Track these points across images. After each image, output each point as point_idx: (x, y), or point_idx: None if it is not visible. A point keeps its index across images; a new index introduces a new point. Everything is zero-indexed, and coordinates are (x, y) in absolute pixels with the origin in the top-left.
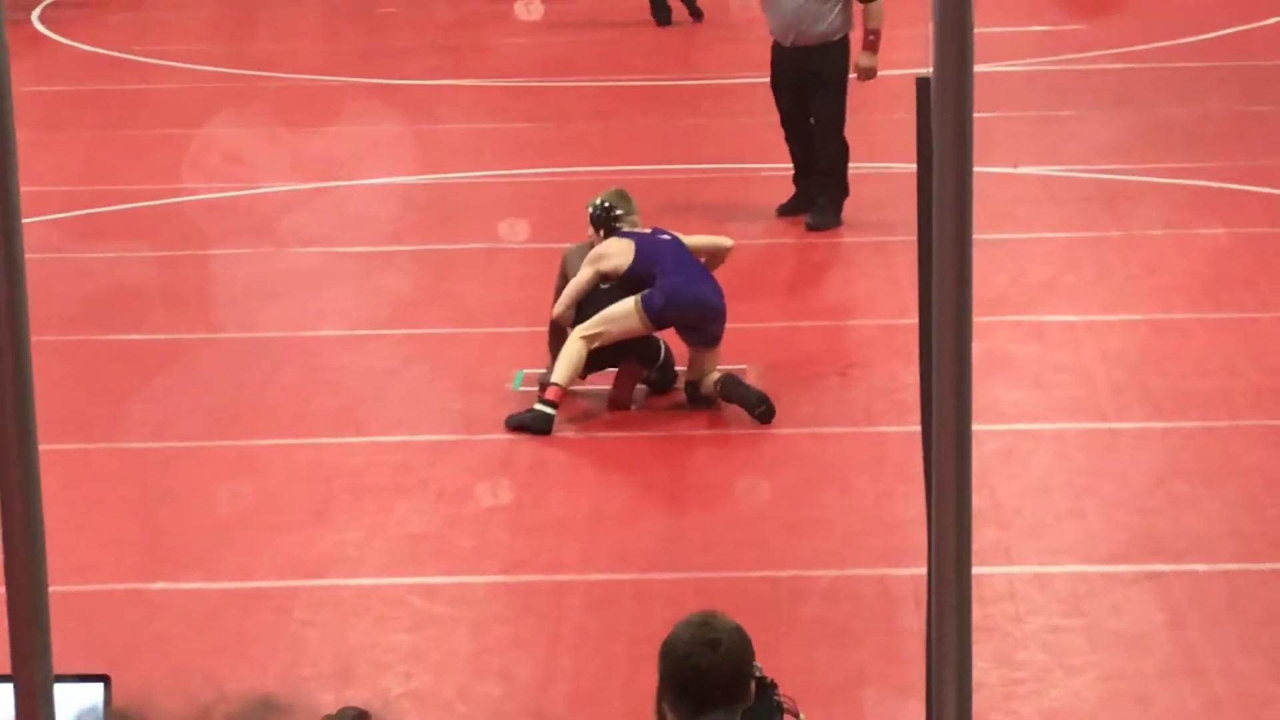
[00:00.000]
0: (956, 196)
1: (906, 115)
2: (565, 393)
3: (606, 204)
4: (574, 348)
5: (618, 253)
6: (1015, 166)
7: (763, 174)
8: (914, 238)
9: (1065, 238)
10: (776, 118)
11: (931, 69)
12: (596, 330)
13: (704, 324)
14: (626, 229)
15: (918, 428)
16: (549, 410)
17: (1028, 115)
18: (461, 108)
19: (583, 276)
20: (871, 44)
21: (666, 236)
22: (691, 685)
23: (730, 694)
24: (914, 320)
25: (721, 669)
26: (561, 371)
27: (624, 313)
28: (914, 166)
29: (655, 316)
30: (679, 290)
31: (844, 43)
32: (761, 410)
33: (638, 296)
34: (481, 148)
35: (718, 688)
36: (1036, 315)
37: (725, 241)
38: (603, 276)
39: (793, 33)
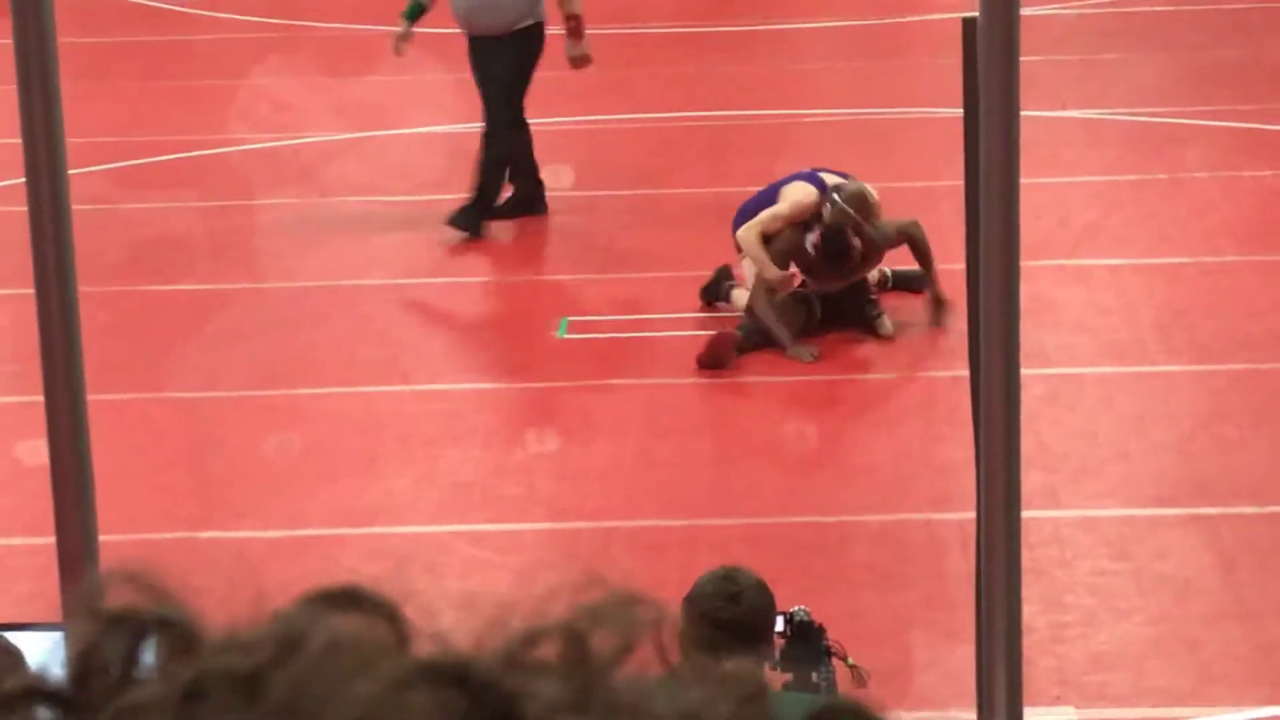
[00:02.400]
0: (1004, 139)
1: (950, 60)
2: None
3: None
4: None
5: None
6: (1063, 108)
7: (803, 120)
8: (958, 184)
9: (1111, 181)
10: (818, 64)
11: (978, 11)
12: (766, 221)
13: None
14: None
15: (965, 372)
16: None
17: (1072, 59)
18: None
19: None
20: (574, 29)
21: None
22: (712, 638)
23: (752, 647)
24: (959, 265)
25: (742, 623)
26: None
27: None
28: (956, 113)
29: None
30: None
31: (530, 32)
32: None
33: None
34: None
35: (738, 641)
36: (1082, 259)
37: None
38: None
39: (469, 22)
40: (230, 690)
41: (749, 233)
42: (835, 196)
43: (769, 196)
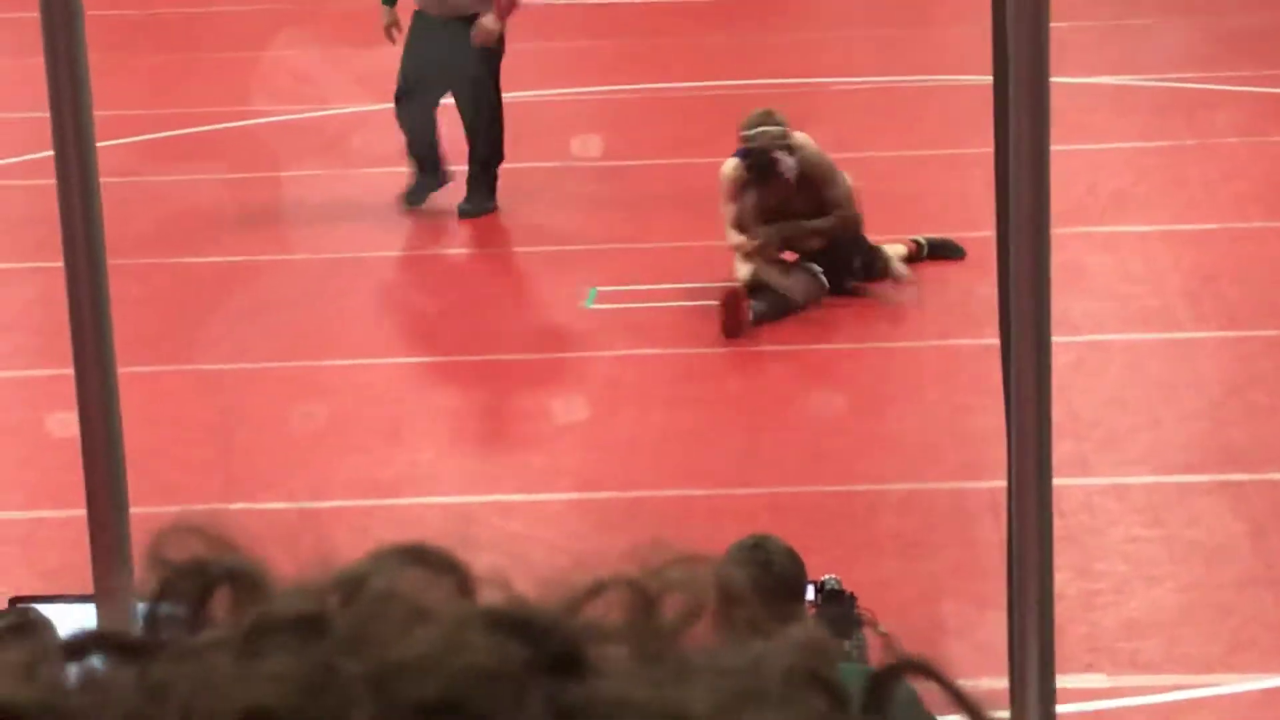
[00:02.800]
0: (1034, 106)
1: (976, 27)
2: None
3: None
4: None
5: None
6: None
7: (830, 88)
8: (986, 150)
9: (1139, 147)
10: (844, 32)
11: None
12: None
13: None
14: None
15: (992, 340)
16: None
17: (1099, 24)
18: (527, 26)
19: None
20: (502, 7)
21: None
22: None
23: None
24: (987, 232)
25: (773, 592)
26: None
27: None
28: (978, 78)
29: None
30: None
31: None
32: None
33: None
34: (546, 66)
35: (769, 609)
36: (1110, 226)
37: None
38: None
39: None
40: (293, 630)
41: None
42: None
43: None
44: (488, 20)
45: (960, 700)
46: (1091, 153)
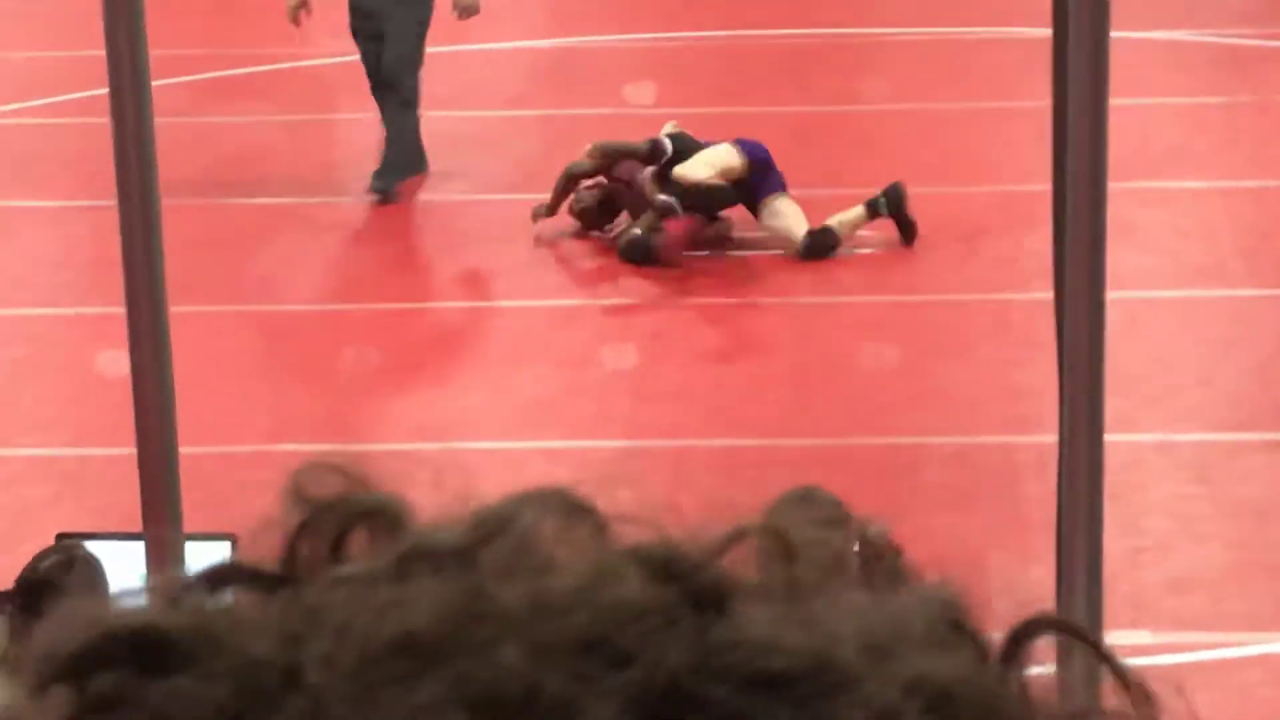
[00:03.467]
0: (1092, 60)
1: None
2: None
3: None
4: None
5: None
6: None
7: (885, 39)
8: (1034, 104)
9: (1194, 103)
10: None
11: None
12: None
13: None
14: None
15: (1040, 295)
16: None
17: None
18: None
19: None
20: None
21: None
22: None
23: None
24: (1038, 187)
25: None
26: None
27: (723, 152)
28: (1032, 31)
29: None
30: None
31: None
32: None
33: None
34: (602, 12)
35: None
36: (1163, 181)
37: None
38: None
39: None
40: (444, 561)
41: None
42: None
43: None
44: None
45: (1104, 658)
46: (1145, 107)
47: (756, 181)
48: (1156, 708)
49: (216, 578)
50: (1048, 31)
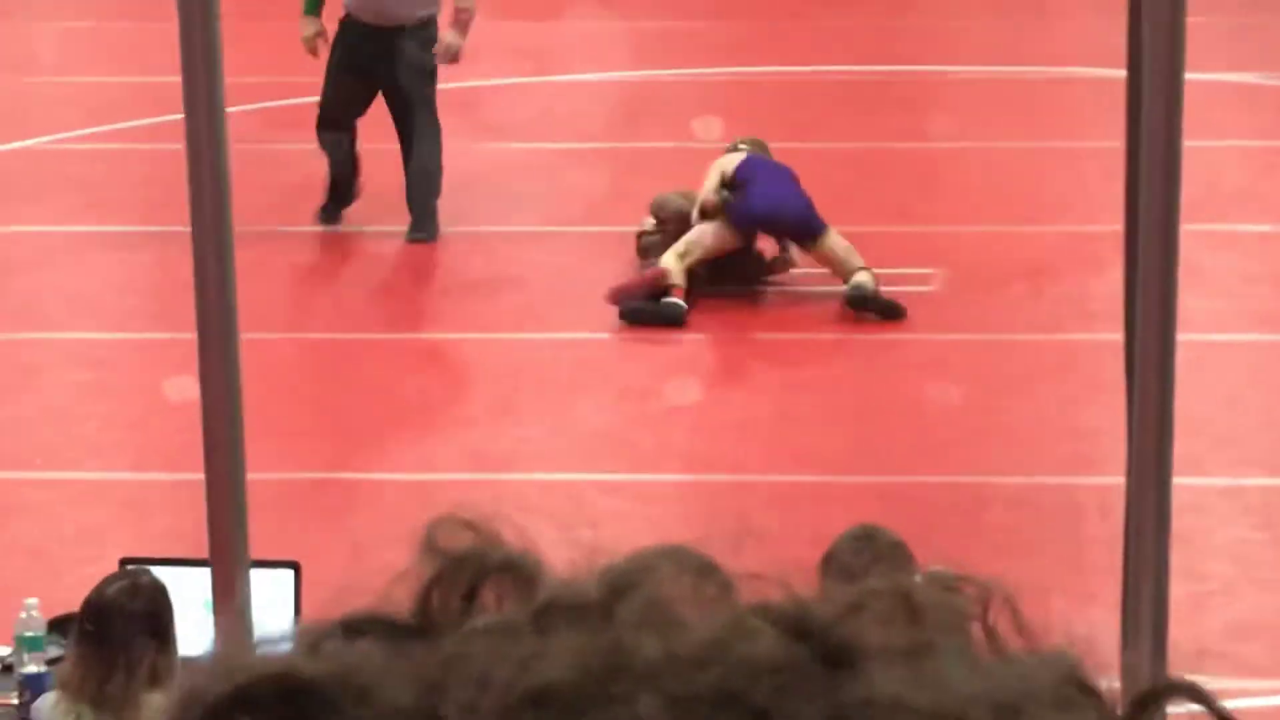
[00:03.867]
0: (1167, 101)
1: (1098, 19)
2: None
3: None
4: (669, 263)
5: (731, 159)
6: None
7: (951, 76)
8: (1100, 144)
9: (1262, 146)
10: (969, 20)
11: None
12: (686, 248)
13: (789, 230)
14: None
15: (1105, 336)
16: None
17: (1223, 21)
18: (650, 6)
19: (707, 183)
20: (462, 22)
21: (770, 160)
22: None
23: None
24: (1104, 227)
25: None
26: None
27: (713, 226)
28: (1098, 70)
29: (740, 221)
30: (762, 196)
31: (433, 21)
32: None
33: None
34: (669, 46)
35: None
36: (1231, 224)
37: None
38: (722, 177)
39: (379, 10)
40: (581, 615)
41: None
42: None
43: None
44: (451, 36)
45: None
46: (1213, 150)
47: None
48: None
49: (355, 626)
50: (1114, 71)
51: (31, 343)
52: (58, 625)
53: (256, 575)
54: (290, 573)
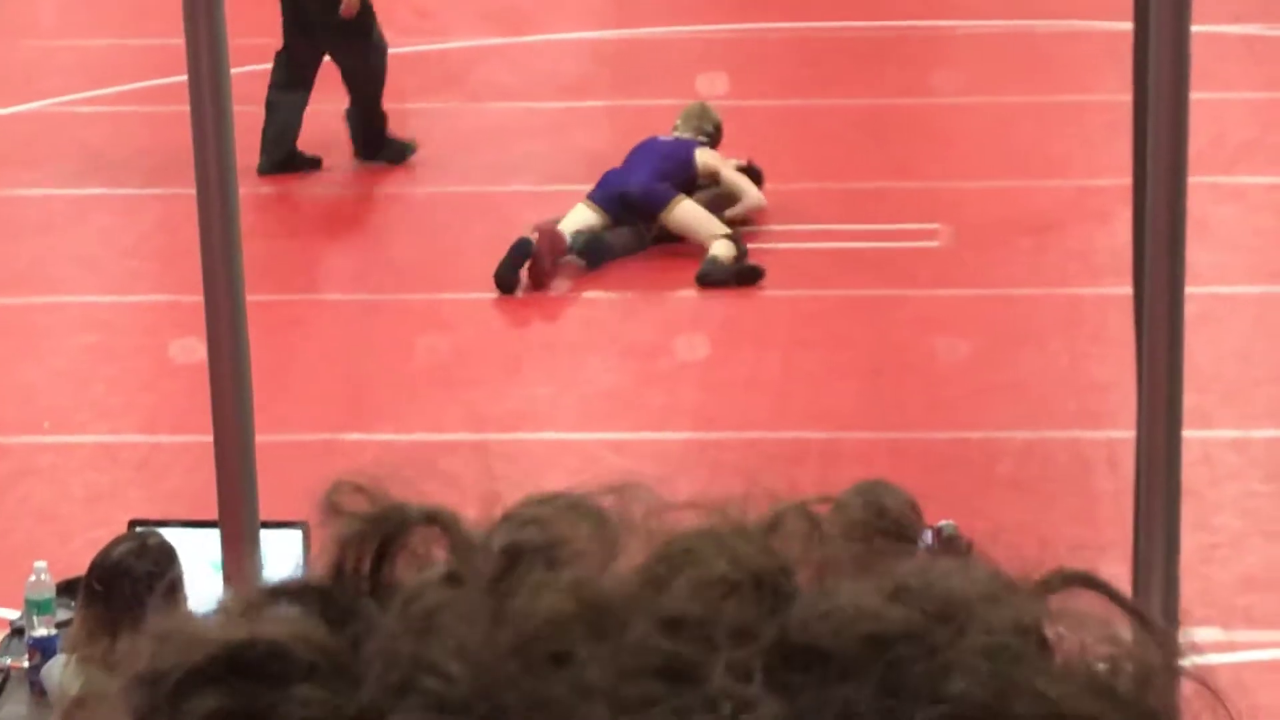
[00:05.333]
0: (1173, 53)
1: None
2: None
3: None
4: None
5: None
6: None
7: (958, 31)
8: (1105, 97)
9: (1269, 98)
10: None
11: None
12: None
13: (635, 208)
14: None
15: (1112, 290)
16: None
17: None
18: None
19: None
20: None
21: (666, 139)
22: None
23: None
24: (1110, 181)
25: (888, 537)
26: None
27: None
28: (1103, 24)
29: (597, 200)
30: (607, 178)
31: None
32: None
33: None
34: (670, 3)
35: None
36: (1237, 176)
37: (752, 199)
38: None
39: None
40: (538, 559)
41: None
42: None
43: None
44: None
45: (1131, 611)
46: (1219, 102)
47: (643, 205)
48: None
49: (281, 593)
50: (1119, 25)
51: (38, 306)
52: (67, 588)
53: (265, 536)
54: (299, 533)
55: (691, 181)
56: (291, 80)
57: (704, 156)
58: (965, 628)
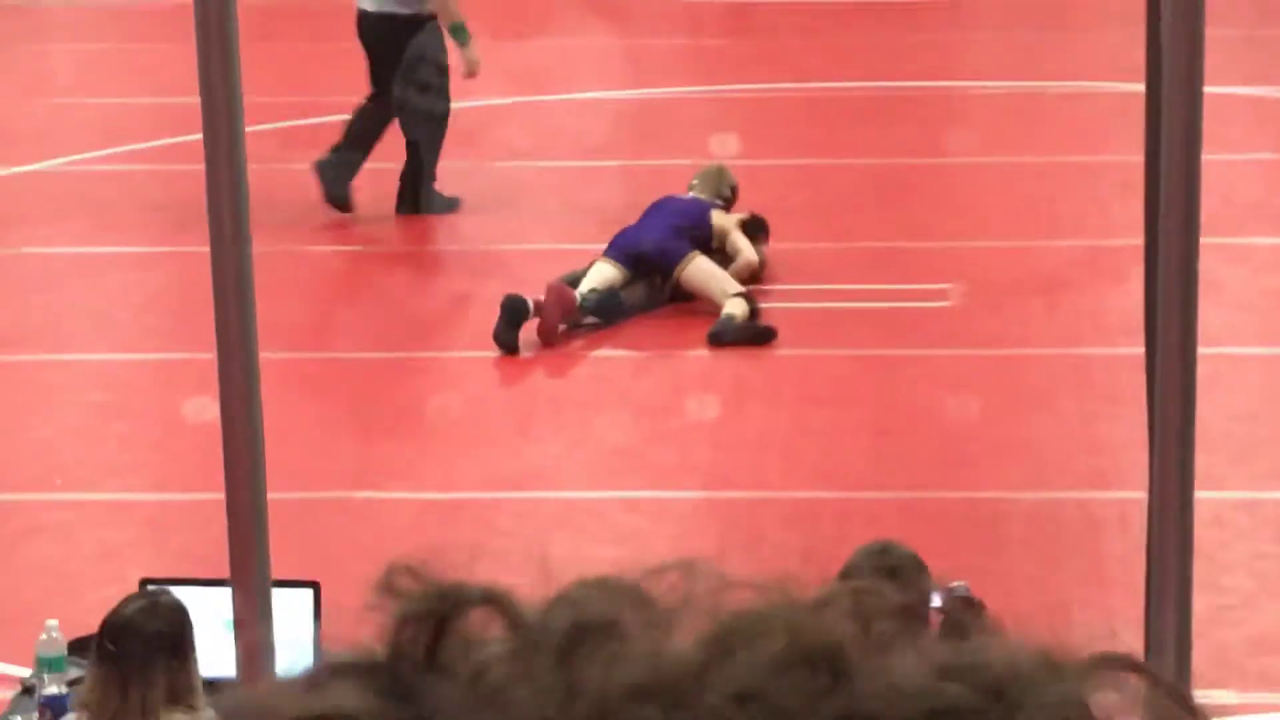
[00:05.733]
0: (1186, 114)
1: (1115, 34)
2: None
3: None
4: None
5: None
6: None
7: (970, 92)
8: (1116, 158)
9: (1276, 159)
10: (983, 35)
11: None
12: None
13: (649, 265)
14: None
15: (1124, 350)
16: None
17: (1235, 34)
18: (670, 23)
19: None
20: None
21: (683, 197)
22: None
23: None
24: (1121, 241)
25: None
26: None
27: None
28: (1114, 85)
29: (613, 255)
30: (623, 235)
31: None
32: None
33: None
34: (687, 63)
35: None
36: (1246, 238)
37: (742, 260)
38: None
39: None
40: (603, 635)
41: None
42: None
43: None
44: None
45: (1174, 695)
46: (1227, 163)
47: (658, 261)
48: None
49: (342, 670)
50: (1129, 86)
51: (51, 363)
52: (78, 646)
53: (276, 595)
54: (310, 592)
55: (706, 242)
56: (379, 125)
57: (719, 219)
58: (1019, 705)
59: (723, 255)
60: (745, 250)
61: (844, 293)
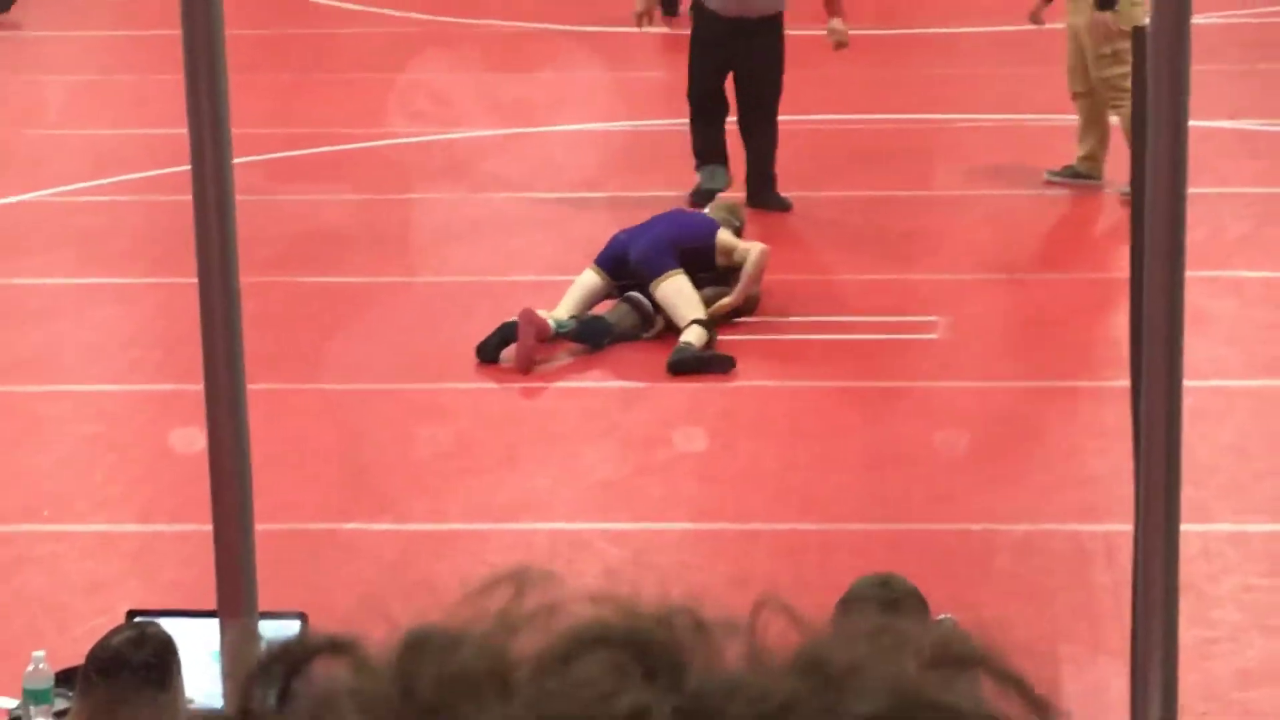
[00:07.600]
0: (1171, 147)
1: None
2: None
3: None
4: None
5: None
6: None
7: (957, 125)
8: (1110, 190)
9: (1265, 193)
10: (970, 69)
11: (1149, 19)
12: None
13: (633, 276)
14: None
15: (1110, 383)
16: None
17: (1226, 69)
18: (652, 54)
19: None
20: (835, 6)
21: (694, 211)
22: None
23: None
24: (1108, 275)
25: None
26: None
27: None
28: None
29: (603, 266)
30: (614, 242)
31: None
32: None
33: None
34: (677, 94)
35: None
36: (1234, 271)
37: (755, 253)
38: None
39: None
40: (439, 643)
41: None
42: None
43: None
44: (834, 23)
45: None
46: (1216, 196)
47: (637, 270)
48: None
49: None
50: (1112, 119)
51: (38, 395)
52: (65, 677)
53: (264, 626)
54: (297, 624)
55: (706, 257)
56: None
57: (725, 236)
58: (848, 689)
59: (729, 273)
60: (753, 250)
61: (831, 325)
